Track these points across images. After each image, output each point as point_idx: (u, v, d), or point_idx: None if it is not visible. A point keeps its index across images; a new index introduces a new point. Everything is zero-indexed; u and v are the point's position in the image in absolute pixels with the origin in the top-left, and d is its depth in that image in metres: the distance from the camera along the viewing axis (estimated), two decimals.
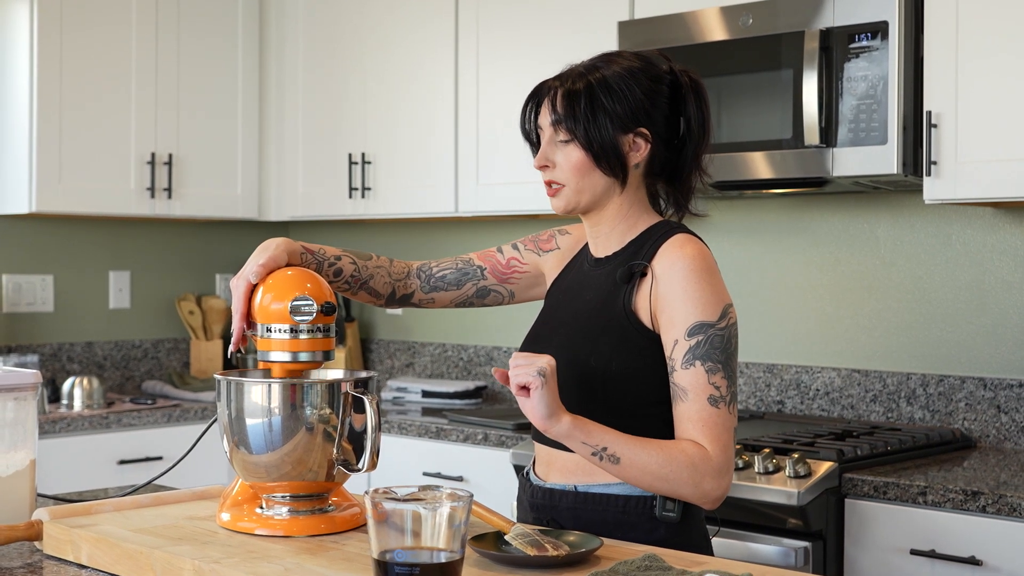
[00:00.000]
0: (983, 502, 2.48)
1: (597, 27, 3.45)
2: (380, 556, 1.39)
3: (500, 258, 2.13)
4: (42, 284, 4.23)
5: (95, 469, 3.66)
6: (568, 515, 1.89)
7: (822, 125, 2.91)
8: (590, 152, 1.87)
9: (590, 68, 1.90)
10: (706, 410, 1.79)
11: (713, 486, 1.78)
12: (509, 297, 2.14)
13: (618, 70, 1.88)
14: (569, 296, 1.98)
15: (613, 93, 1.87)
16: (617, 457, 1.76)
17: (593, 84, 1.87)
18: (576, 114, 1.87)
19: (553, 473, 1.93)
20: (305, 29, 4.30)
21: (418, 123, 3.96)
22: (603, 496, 1.87)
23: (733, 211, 3.58)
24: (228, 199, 4.33)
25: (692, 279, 1.81)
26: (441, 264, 2.14)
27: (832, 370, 3.39)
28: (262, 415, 1.75)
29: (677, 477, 1.77)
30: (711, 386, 1.79)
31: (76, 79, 3.93)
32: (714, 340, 1.79)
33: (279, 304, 1.81)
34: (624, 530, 1.84)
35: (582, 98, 1.87)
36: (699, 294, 1.80)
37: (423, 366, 4.41)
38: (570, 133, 1.88)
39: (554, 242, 2.10)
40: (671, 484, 1.78)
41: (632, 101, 1.87)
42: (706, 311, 1.80)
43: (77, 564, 1.75)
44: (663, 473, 1.77)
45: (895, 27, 2.82)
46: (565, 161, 1.90)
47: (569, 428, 1.74)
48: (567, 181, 1.90)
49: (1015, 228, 3.11)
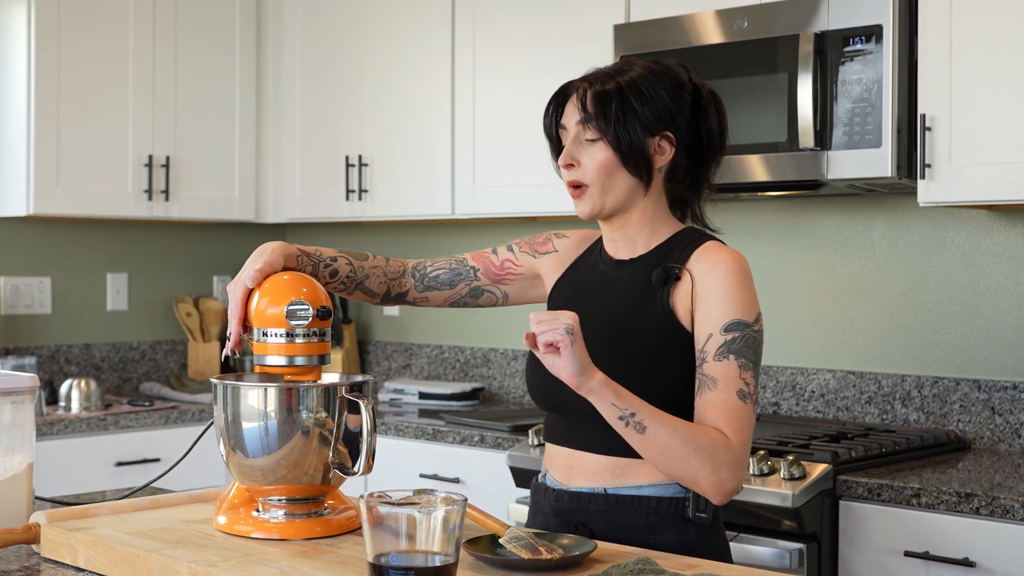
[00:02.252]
0: (977, 504, 2.49)
1: (593, 29, 3.46)
2: (375, 559, 1.40)
3: (494, 259, 2.13)
4: (40, 286, 4.23)
5: (93, 471, 3.67)
6: (598, 518, 1.87)
7: (817, 128, 2.92)
8: (618, 152, 1.88)
9: (618, 71, 1.92)
10: (733, 401, 1.79)
11: (729, 476, 1.77)
12: (504, 298, 2.15)
13: (645, 73, 1.90)
14: (589, 297, 1.97)
15: (642, 95, 1.89)
16: (644, 426, 1.74)
17: (623, 86, 1.89)
18: (607, 114, 1.88)
19: (576, 477, 1.91)
20: (302, 31, 4.31)
21: (415, 125, 3.97)
22: (635, 498, 1.86)
23: (729, 213, 3.58)
24: (225, 201, 4.34)
25: (734, 280, 1.83)
26: (436, 263, 2.15)
27: (827, 372, 3.40)
28: (258, 419, 1.76)
29: (698, 459, 1.75)
30: (741, 381, 1.80)
31: (74, 81, 3.94)
32: (749, 339, 1.81)
33: (275, 308, 1.83)
34: (656, 532, 1.84)
35: (613, 98, 1.88)
36: (739, 294, 1.83)
37: (420, 368, 4.41)
38: (599, 132, 1.88)
39: (550, 244, 2.11)
40: (690, 466, 1.76)
41: (659, 104, 1.89)
42: (744, 311, 1.82)
43: (74, 567, 1.76)
44: (684, 452, 1.75)
45: (889, 31, 2.83)
46: (591, 160, 1.90)
47: (601, 386, 1.73)
48: (592, 181, 1.90)
49: (1009, 230, 3.12)
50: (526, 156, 3.64)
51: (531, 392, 1.99)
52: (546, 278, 2.10)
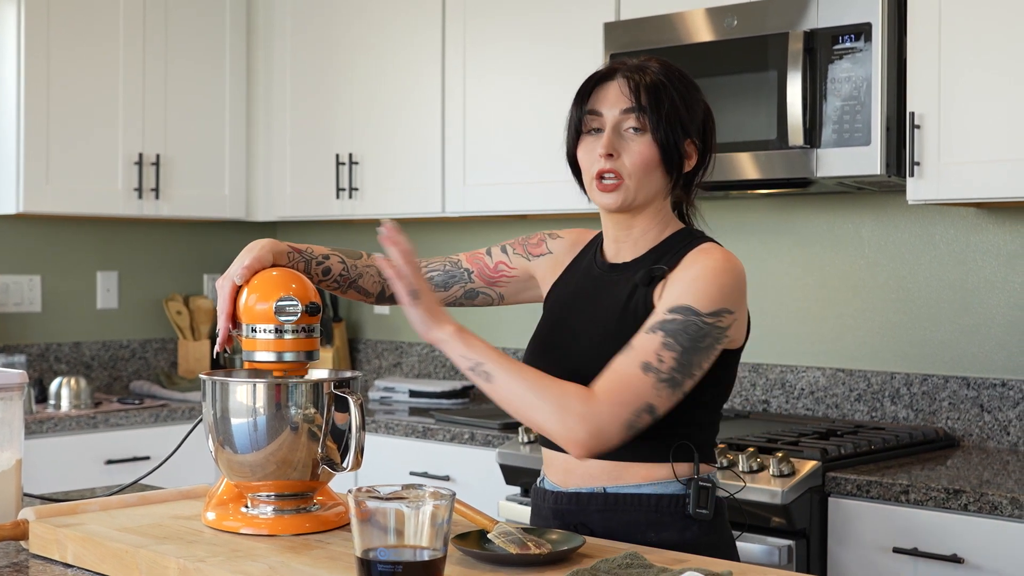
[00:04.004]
0: (965, 500, 2.50)
1: (583, 28, 3.46)
2: (363, 555, 1.40)
3: (488, 261, 2.12)
4: (30, 284, 4.23)
5: (83, 469, 3.66)
6: (598, 518, 1.86)
7: (806, 126, 2.92)
8: (663, 149, 1.86)
9: (660, 68, 1.88)
10: (630, 368, 1.73)
11: (579, 426, 1.70)
12: (499, 299, 2.14)
13: (682, 76, 1.89)
14: (580, 302, 1.95)
15: (684, 97, 1.88)
16: (490, 374, 1.73)
17: (670, 84, 1.86)
18: (660, 108, 1.84)
19: (574, 478, 1.90)
20: (293, 29, 4.31)
21: (406, 123, 3.97)
22: (634, 496, 1.85)
23: (718, 211, 3.59)
24: (216, 199, 4.33)
25: (706, 271, 1.80)
26: (430, 264, 2.13)
27: (817, 369, 3.41)
28: (247, 415, 1.76)
29: (543, 404, 1.71)
30: (655, 355, 1.73)
31: (64, 79, 3.93)
32: (690, 327, 1.75)
33: (264, 304, 1.82)
34: (657, 530, 1.83)
35: (665, 94, 1.85)
36: (704, 284, 1.78)
37: (410, 366, 4.41)
38: (649, 125, 1.85)
39: (544, 246, 2.09)
40: (536, 411, 1.72)
41: (695, 109, 1.89)
42: (700, 300, 1.77)
43: (63, 563, 1.76)
44: (530, 397, 1.72)
45: (878, 29, 2.84)
46: (634, 153, 1.86)
47: (452, 336, 1.74)
48: (631, 175, 1.86)
49: (998, 228, 3.13)
50: (516, 154, 3.64)
51: None
52: (541, 281, 2.08)
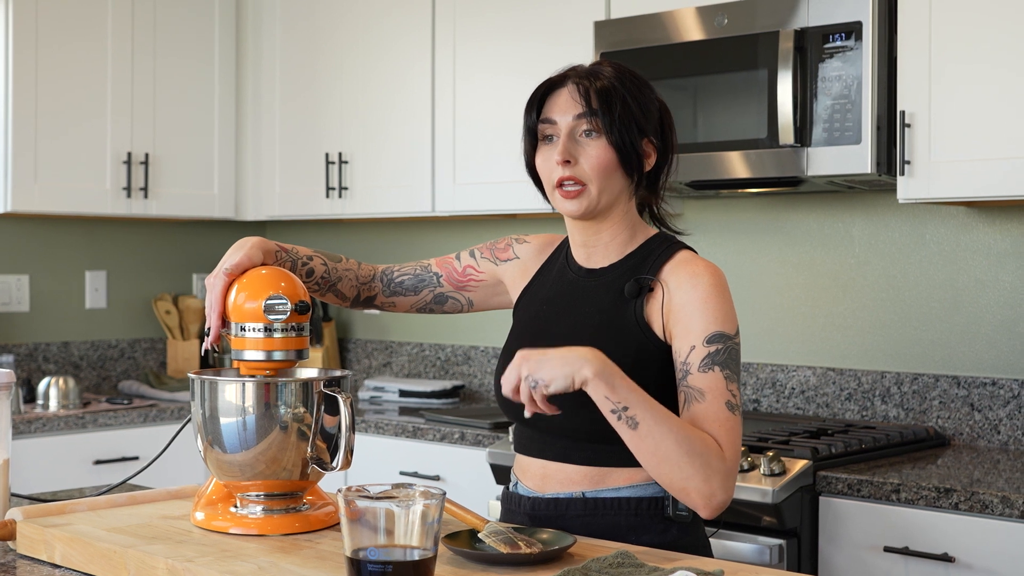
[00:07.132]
0: (956, 499, 2.49)
1: (573, 26, 3.46)
2: (353, 554, 1.40)
3: (456, 266, 2.10)
4: (18, 284, 4.21)
5: (71, 469, 3.65)
6: (578, 523, 1.84)
7: (797, 125, 2.92)
8: (619, 151, 1.85)
9: (610, 71, 1.88)
10: (724, 413, 1.76)
11: (720, 487, 1.71)
12: (468, 305, 2.12)
13: (632, 77, 1.89)
14: (559, 308, 1.93)
15: (637, 97, 1.87)
16: (636, 422, 1.68)
17: (620, 86, 1.86)
18: (612, 111, 1.84)
19: (552, 484, 1.88)
20: (282, 28, 4.29)
21: (395, 122, 3.96)
22: (614, 500, 1.83)
23: (708, 210, 3.59)
24: (205, 199, 4.32)
25: (713, 294, 1.81)
26: (403, 269, 2.13)
27: (807, 369, 3.41)
28: (236, 414, 1.75)
29: (691, 464, 1.69)
30: (728, 392, 1.77)
31: (52, 77, 3.92)
32: (731, 352, 1.79)
33: (253, 303, 1.81)
34: (637, 533, 1.82)
35: (616, 96, 1.85)
36: (719, 307, 1.80)
37: (400, 365, 4.41)
38: (602, 129, 1.84)
39: (511, 251, 2.07)
40: (683, 472, 1.70)
41: (650, 108, 1.89)
42: (725, 324, 1.80)
43: (51, 564, 1.75)
44: (678, 455, 1.69)
45: (869, 28, 2.84)
46: (591, 158, 1.85)
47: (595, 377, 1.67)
48: (591, 179, 1.85)
49: (988, 227, 3.13)
50: (506, 153, 3.63)
51: (502, 407, 1.94)
52: (510, 287, 2.07)
